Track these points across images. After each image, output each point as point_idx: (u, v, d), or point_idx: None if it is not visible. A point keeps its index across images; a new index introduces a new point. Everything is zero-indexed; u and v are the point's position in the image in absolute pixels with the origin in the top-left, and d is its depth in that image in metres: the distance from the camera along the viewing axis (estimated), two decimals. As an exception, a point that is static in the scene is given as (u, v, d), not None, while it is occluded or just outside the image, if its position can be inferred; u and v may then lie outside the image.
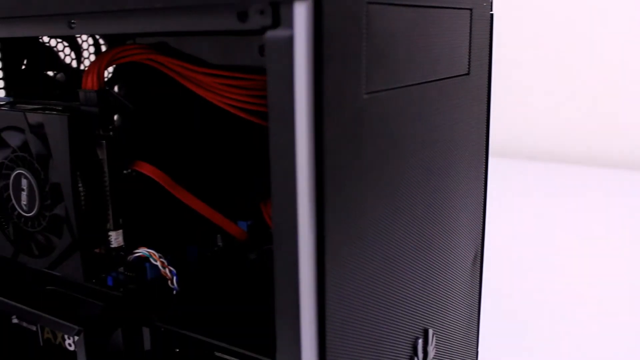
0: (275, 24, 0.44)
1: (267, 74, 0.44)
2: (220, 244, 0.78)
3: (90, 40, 0.90)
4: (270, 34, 0.44)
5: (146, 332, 0.66)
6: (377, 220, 0.54)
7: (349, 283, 0.51)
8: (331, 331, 0.49)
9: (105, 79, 0.69)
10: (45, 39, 0.87)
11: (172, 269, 0.68)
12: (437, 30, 0.62)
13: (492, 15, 0.74)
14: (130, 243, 0.67)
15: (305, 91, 0.43)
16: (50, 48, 0.87)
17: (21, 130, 0.64)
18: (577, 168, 2.54)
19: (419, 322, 0.65)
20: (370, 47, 0.50)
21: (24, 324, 0.80)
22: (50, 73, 0.86)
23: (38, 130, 0.62)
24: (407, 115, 0.57)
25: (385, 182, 0.55)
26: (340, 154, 0.47)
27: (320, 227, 0.46)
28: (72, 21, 0.57)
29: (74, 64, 0.90)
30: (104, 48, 0.90)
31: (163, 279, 0.69)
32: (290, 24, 0.43)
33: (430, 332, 0.66)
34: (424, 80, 0.60)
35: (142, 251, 0.67)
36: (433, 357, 0.68)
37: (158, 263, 0.67)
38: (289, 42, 0.43)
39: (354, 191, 0.50)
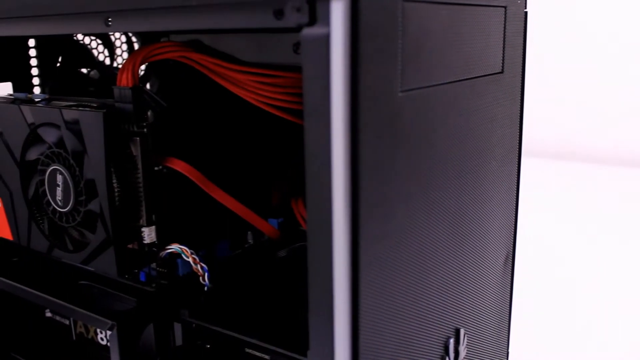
0: (312, 21, 0.44)
1: (303, 71, 0.44)
2: (250, 240, 0.79)
3: (123, 38, 0.91)
4: (306, 31, 0.44)
5: (178, 327, 0.66)
6: (410, 218, 0.54)
7: (383, 281, 0.51)
8: (364, 329, 0.49)
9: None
10: (80, 36, 0.88)
11: (203, 265, 0.68)
12: (471, 28, 0.61)
13: (526, 12, 0.73)
14: (163, 239, 0.68)
15: (342, 89, 0.43)
16: (84, 46, 0.88)
17: (57, 127, 0.65)
18: (614, 169, 2.51)
19: (451, 322, 0.64)
20: (406, 44, 0.50)
21: (57, 318, 0.82)
22: (84, 70, 0.87)
23: (73, 126, 0.63)
24: (441, 113, 0.57)
25: (419, 181, 0.55)
26: (375, 152, 0.47)
27: (355, 225, 0.46)
28: (109, 19, 0.58)
29: (107, 61, 0.91)
30: (136, 46, 0.91)
31: (195, 275, 0.69)
32: (327, 22, 0.43)
33: (462, 331, 0.66)
34: (457, 79, 0.59)
35: (174, 247, 0.67)
36: (464, 357, 0.67)
37: (190, 259, 0.68)
38: (326, 40, 0.43)
39: (388, 189, 0.50)
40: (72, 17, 0.60)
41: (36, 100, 0.71)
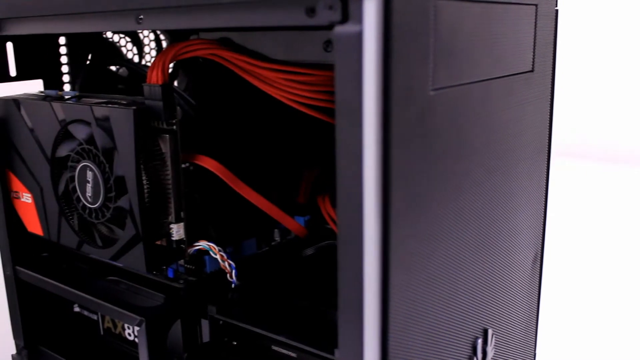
0: (344, 19, 0.44)
1: (335, 69, 0.44)
2: (277, 238, 0.79)
3: (152, 36, 0.92)
4: (338, 29, 0.44)
5: (205, 324, 0.67)
6: (440, 217, 0.54)
7: (413, 280, 0.50)
8: (394, 328, 0.48)
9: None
10: (109, 34, 0.89)
11: (231, 262, 0.68)
12: (502, 26, 0.61)
13: (557, 11, 0.72)
14: (191, 236, 0.68)
15: (374, 87, 0.43)
16: (114, 43, 0.89)
17: (87, 124, 0.66)
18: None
19: (479, 322, 0.64)
20: (437, 42, 0.50)
21: (85, 313, 0.83)
22: (113, 68, 0.88)
23: (104, 123, 0.64)
24: (471, 112, 0.57)
25: (449, 180, 0.54)
26: (406, 150, 0.47)
27: (386, 225, 0.46)
28: (140, 16, 0.58)
29: (136, 59, 0.91)
30: (164, 44, 0.92)
31: (222, 272, 0.70)
32: (359, 20, 0.43)
33: (490, 332, 0.66)
34: (488, 77, 0.59)
35: (202, 244, 0.68)
36: (492, 358, 0.67)
37: (217, 256, 0.68)
38: (358, 38, 0.43)
39: (419, 188, 0.50)
40: (104, 14, 0.61)
41: (66, 97, 0.72)
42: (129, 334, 0.78)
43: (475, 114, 0.57)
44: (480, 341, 0.64)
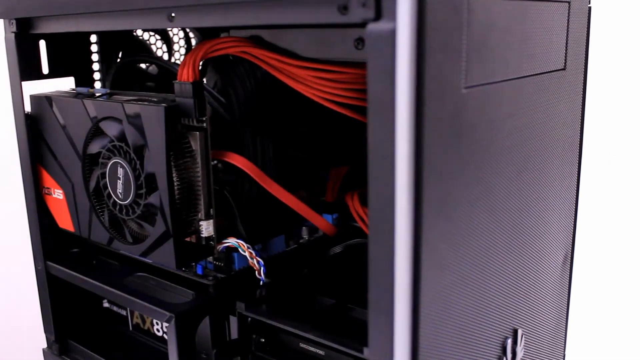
0: (378, 16, 0.44)
1: (367, 67, 0.44)
2: (305, 236, 0.79)
3: (181, 34, 0.92)
4: (372, 26, 0.44)
5: (233, 321, 0.67)
6: (471, 216, 0.53)
7: (444, 279, 0.50)
8: (424, 327, 0.48)
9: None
10: (139, 32, 0.89)
11: (259, 259, 0.68)
12: (534, 23, 0.60)
13: (590, 8, 0.71)
14: (220, 233, 0.69)
15: (407, 85, 0.43)
16: (144, 41, 0.89)
17: (119, 121, 0.66)
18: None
19: (509, 322, 0.63)
20: (470, 40, 0.49)
21: (115, 308, 0.83)
22: (143, 65, 0.88)
23: (135, 120, 0.64)
24: (503, 110, 0.56)
25: (480, 179, 0.54)
26: (439, 149, 0.47)
27: (418, 223, 0.46)
28: (172, 14, 0.58)
29: (165, 56, 0.92)
30: (194, 41, 0.92)
31: (251, 269, 0.70)
32: (392, 17, 0.43)
33: (520, 332, 0.65)
34: (520, 75, 0.58)
35: (231, 241, 0.68)
36: (521, 358, 0.66)
37: (246, 253, 0.68)
38: (392, 36, 0.43)
39: (451, 187, 0.49)
40: (136, 12, 0.61)
41: (97, 94, 0.73)
42: (158, 330, 0.79)
43: (507, 112, 0.57)
44: (510, 341, 0.64)
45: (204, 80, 0.84)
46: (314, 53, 0.62)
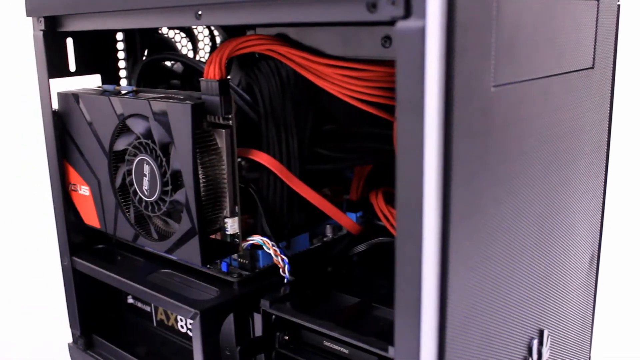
0: (407, 14, 0.43)
1: (396, 65, 0.44)
2: (329, 234, 0.79)
3: (206, 32, 0.93)
4: (401, 24, 0.44)
5: (257, 318, 0.67)
6: (499, 215, 0.53)
7: (471, 279, 0.50)
8: (451, 327, 0.48)
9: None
10: (164, 30, 0.90)
11: (284, 257, 0.69)
12: (563, 21, 0.59)
13: (619, 6, 0.70)
14: (245, 230, 0.69)
15: (436, 84, 0.43)
16: (169, 39, 0.90)
17: (145, 118, 0.67)
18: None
19: (535, 322, 0.63)
20: (499, 38, 0.49)
21: (139, 304, 0.84)
22: (168, 63, 0.89)
23: (161, 118, 0.64)
24: (531, 109, 0.56)
25: (508, 178, 0.54)
26: (467, 148, 0.46)
27: (445, 222, 0.45)
28: (199, 12, 0.58)
29: (190, 54, 0.92)
30: (218, 39, 0.92)
31: (275, 266, 0.70)
32: (422, 15, 0.43)
33: (546, 332, 0.65)
34: (548, 74, 0.58)
35: (256, 239, 0.68)
36: (547, 359, 0.66)
37: (271, 251, 0.68)
38: (421, 34, 0.43)
39: (479, 186, 0.49)
40: (164, 10, 0.62)
41: (123, 92, 0.73)
42: (182, 326, 0.79)
43: (535, 112, 0.56)
44: (535, 342, 0.63)
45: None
46: (340, 51, 0.62)
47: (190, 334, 0.78)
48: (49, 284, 1.26)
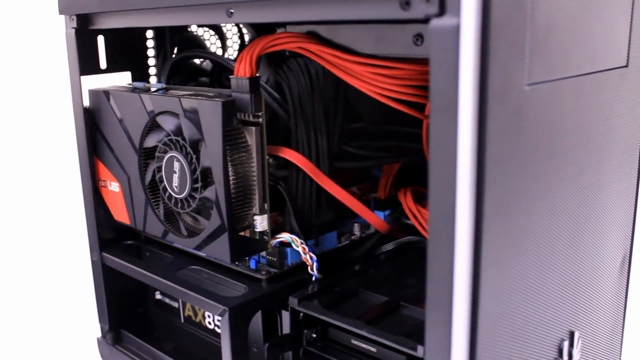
0: (441, 12, 0.43)
1: (430, 63, 0.44)
2: (357, 232, 0.79)
3: (235, 29, 0.93)
4: (435, 22, 0.43)
5: (285, 315, 0.67)
6: (531, 215, 0.52)
7: (503, 279, 0.50)
8: (483, 327, 0.48)
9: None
10: (194, 28, 0.90)
11: (312, 255, 0.68)
12: (598, 19, 0.59)
13: (654, 3, 0.69)
14: (273, 228, 0.69)
15: (471, 82, 0.43)
16: (198, 37, 0.90)
17: (175, 115, 0.67)
18: None
19: (566, 323, 0.62)
20: (534, 36, 0.48)
21: (167, 300, 0.85)
22: (197, 61, 0.89)
23: (192, 115, 0.65)
24: (564, 108, 0.55)
25: (540, 177, 0.53)
26: (501, 146, 0.46)
27: (478, 222, 0.45)
28: (231, 10, 0.59)
29: (219, 52, 0.93)
30: (247, 37, 0.93)
31: (303, 264, 0.70)
32: (457, 13, 0.42)
33: (576, 334, 0.64)
34: (582, 73, 0.57)
35: (285, 236, 0.68)
36: (577, 361, 0.65)
37: (299, 249, 0.68)
38: (456, 31, 0.42)
39: (511, 185, 0.49)
40: (196, 8, 0.62)
41: (153, 89, 0.74)
42: (209, 323, 0.79)
43: (569, 111, 0.56)
44: (566, 343, 0.62)
45: (258, 75, 0.85)
46: (371, 49, 0.62)
47: (217, 330, 0.78)
48: (79, 279, 1.27)
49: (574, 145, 0.58)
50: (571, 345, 0.64)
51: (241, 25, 0.92)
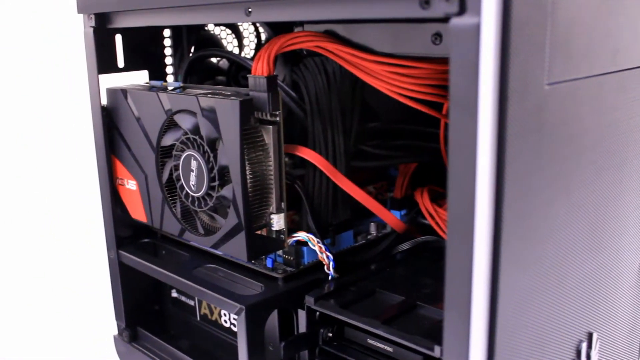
0: (461, 11, 0.43)
1: (450, 62, 0.44)
2: (373, 232, 0.79)
3: (251, 28, 0.93)
4: (455, 21, 0.43)
5: (302, 314, 0.67)
6: (550, 216, 0.52)
7: (522, 280, 0.49)
8: (501, 328, 0.47)
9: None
10: (210, 26, 0.90)
11: (329, 254, 0.68)
12: (619, 17, 0.58)
13: (677, 1, 0.69)
14: (290, 227, 0.69)
15: (491, 81, 0.42)
16: (215, 36, 0.90)
17: (193, 114, 0.67)
18: None
19: (584, 325, 0.62)
20: (554, 35, 0.48)
21: (183, 298, 0.85)
22: (214, 60, 0.89)
23: (209, 114, 0.65)
24: (585, 108, 0.55)
25: (560, 178, 0.53)
26: (520, 146, 0.46)
27: (498, 222, 0.45)
28: (249, 9, 0.59)
29: (236, 50, 0.93)
30: (263, 36, 0.93)
31: (320, 263, 0.70)
32: (477, 11, 0.42)
33: (595, 336, 0.63)
34: (603, 72, 0.57)
35: (302, 235, 0.68)
36: (596, 363, 0.65)
37: (316, 248, 0.68)
38: (476, 30, 0.42)
39: (531, 185, 0.48)
40: (214, 7, 0.62)
41: (171, 88, 0.74)
42: (225, 321, 0.80)
43: (589, 110, 0.55)
44: (584, 345, 0.62)
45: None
46: (389, 48, 0.62)
47: (233, 328, 0.78)
48: (80, 279, 1.29)
49: (594, 146, 0.58)
50: (589, 346, 0.63)
51: (258, 24, 0.93)
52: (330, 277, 0.69)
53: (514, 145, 0.45)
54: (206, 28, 0.90)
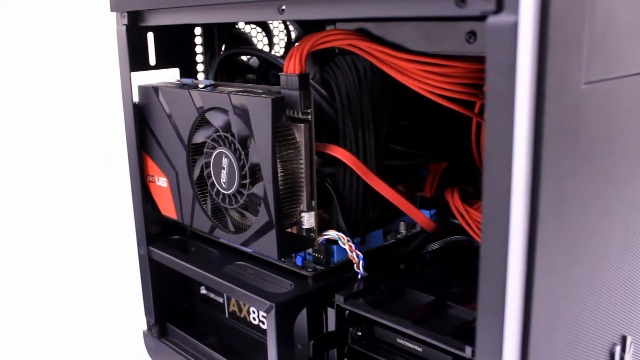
0: (499, 9, 0.43)
1: (486, 61, 0.43)
2: (403, 231, 0.78)
3: (281, 27, 0.93)
4: (492, 19, 0.43)
5: (331, 313, 0.67)
6: (586, 217, 0.51)
7: (556, 282, 0.49)
8: (535, 330, 0.47)
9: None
10: (241, 25, 0.91)
11: (359, 253, 0.68)
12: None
13: None
14: (320, 225, 0.69)
15: (528, 80, 0.42)
16: (245, 34, 0.91)
17: (225, 112, 0.68)
18: None
19: (618, 328, 0.61)
20: (592, 33, 0.47)
21: (212, 295, 0.85)
22: (244, 58, 0.90)
23: (241, 111, 0.65)
24: (622, 108, 0.54)
25: (596, 179, 0.52)
26: (557, 146, 0.45)
27: (533, 223, 0.44)
28: (282, 7, 0.59)
29: (266, 48, 0.93)
30: (293, 34, 0.93)
31: (349, 262, 0.70)
32: (515, 9, 0.42)
33: (629, 339, 0.62)
34: (641, 71, 0.56)
35: (332, 234, 0.68)
36: (629, 366, 0.64)
37: (346, 246, 0.68)
38: (514, 29, 0.42)
39: (567, 187, 0.48)
40: (247, 5, 0.62)
41: (202, 85, 0.74)
42: (254, 318, 0.80)
43: (627, 110, 0.54)
44: (618, 348, 0.61)
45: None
46: (422, 46, 0.61)
47: (262, 326, 0.78)
48: (80, 278, 1.30)
49: (632, 146, 0.57)
50: (623, 350, 0.62)
51: (288, 23, 0.93)
52: (359, 276, 0.69)
53: (551, 145, 0.44)
54: (237, 26, 0.91)
